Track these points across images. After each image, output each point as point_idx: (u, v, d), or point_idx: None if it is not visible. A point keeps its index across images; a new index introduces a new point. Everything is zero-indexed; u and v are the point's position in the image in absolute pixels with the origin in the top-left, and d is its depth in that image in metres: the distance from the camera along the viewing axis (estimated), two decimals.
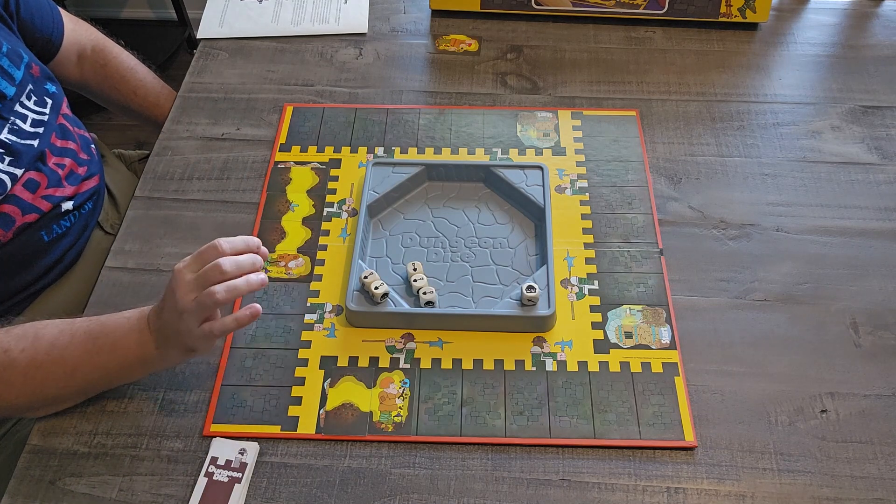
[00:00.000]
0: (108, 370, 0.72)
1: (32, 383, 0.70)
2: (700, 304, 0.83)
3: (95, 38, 1.08)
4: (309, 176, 0.95)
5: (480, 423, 0.74)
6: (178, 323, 0.68)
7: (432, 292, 0.81)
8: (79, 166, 0.93)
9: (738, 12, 1.13)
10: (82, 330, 0.71)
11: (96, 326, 0.71)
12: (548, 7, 1.15)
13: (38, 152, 0.87)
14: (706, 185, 0.95)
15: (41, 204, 0.87)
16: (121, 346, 0.71)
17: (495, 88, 1.07)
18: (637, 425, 0.74)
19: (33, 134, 0.87)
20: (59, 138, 0.91)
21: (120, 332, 0.71)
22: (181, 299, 0.67)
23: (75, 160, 0.93)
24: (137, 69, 1.12)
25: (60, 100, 0.94)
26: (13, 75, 0.86)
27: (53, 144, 0.90)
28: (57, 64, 1.03)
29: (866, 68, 1.10)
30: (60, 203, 0.90)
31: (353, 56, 1.12)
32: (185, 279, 0.68)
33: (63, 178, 0.90)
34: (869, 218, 0.91)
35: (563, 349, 0.79)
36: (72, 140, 0.93)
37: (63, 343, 0.70)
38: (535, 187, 0.91)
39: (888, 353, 0.79)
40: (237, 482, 0.70)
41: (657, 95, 1.05)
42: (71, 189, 0.91)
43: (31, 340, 0.70)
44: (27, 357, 0.70)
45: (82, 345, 0.70)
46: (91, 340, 0.71)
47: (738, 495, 0.70)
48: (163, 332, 0.70)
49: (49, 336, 0.71)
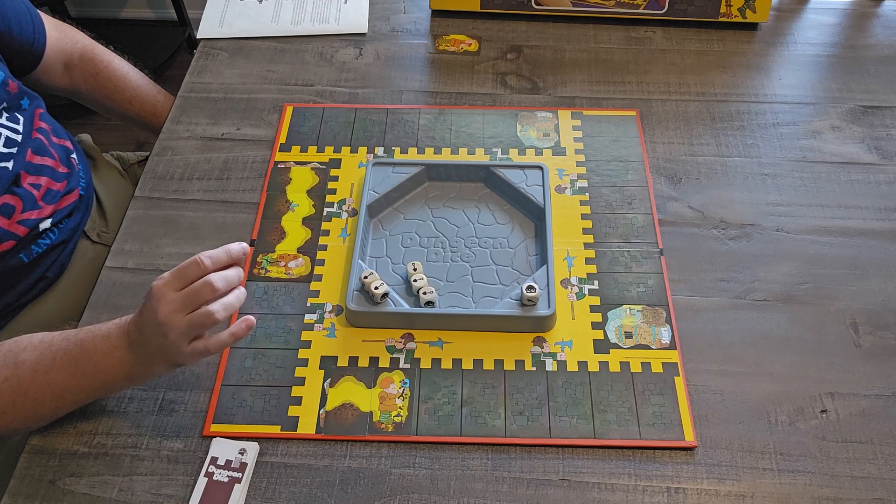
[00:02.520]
0: (94, 389, 0.70)
1: (22, 410, 0.70)
2: (700, 304, 0.83)
3: (83, 45, 1.04)
4: (309, 176, 0.95)
5: (480, 423, 0.74)
6: (163, 341, 0.66)
7: (432, 292, 0.81)
8: (56, 182, 0.90)
9: (738, 12, 1.13)
10: (62, 352, 0.69)
11: (76, 348, 0.69)
12: (548, 7, 1.15)
13: (12, 175, 0.84)
14: (706, 185, 0.95)
15: (17, 229, 0.85)
16: (103, 366, 0.69)
17: (495, 88, 1.07)
18: (637, 425, 0.74)
19: (7, 155, 0.84)
20: (35, 154, 0.88)
21: (100, 352, 0.69)
22: (166, 319, 0.65)
23: (52, 177, 0.90)
24: (131, 76, 1.07)
25: (33, 113, 0.90)
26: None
27: (29, 163, 0.87)
28: (42, 73, 0.99)
29: (866, 68, 1.10)
30: (37, 224, 0.87)
31: (353, 56, 1.12)
32: (167, 297, 0.65)
33: (39, 198, 0.87)
34: (869, 218, 0.91)
35: (563, 349, 0.79)
36: (48, 155, 0.90)
37: (45, 368, 0.69)
38: (535, 187, 0.91)
39: (888, 353, 0.79)
40: (237, 482, 0.70)
41: (657, 95, 1.05)
42: (49, 208, 0.89)
43: (13, 368, 0.69)
44: (11, 386, 0.69)
45: (65, 368, 0.69)
46: (73, 364, 0.69)
47: (738, 495, 0.70)
48: (146, 348, 0.68)
49: (30, 362, 0.69)
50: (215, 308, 0.66)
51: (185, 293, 0.66)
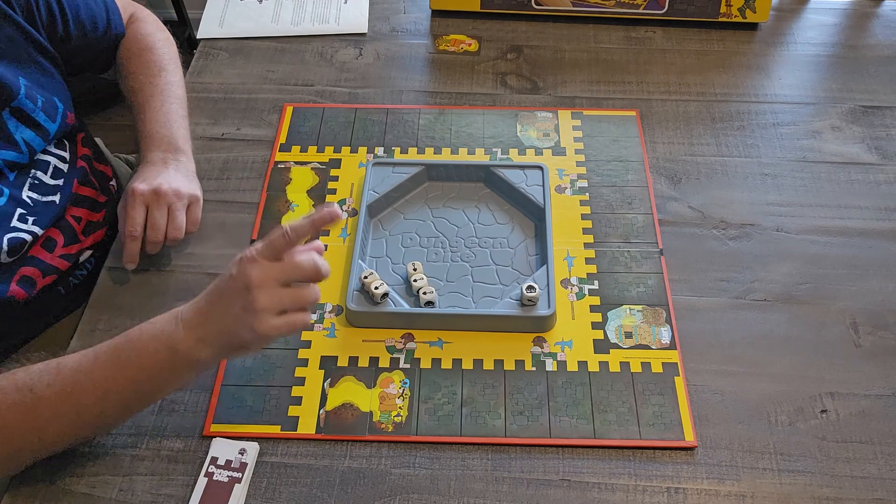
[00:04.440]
0: (139, 383, 0.66)
1: (66, 416, 0.66)
2: (700, 304, 0.83)
3: (134, 39, 0.98)
4: (309, 176, 0.95)
5: (480, 423, 0.74)
6: (246, 309, 0.63)
7: (432, 292, 0.81)
8: (95, 213, 0.91)
9: (738, 12, 1.13)
10: (105, 347, 0.67)
11: (121, 340, 0.66)
12: (548, 7, 1.15)
13: (60, 210, 0.85)
14: (706, 185, 0.95)
15: (59, 263, 0.85)
16: (148, 352, 0.65)
17: (495, 88, 1.07)
18: (637, 425, 0.74)
19: (54, 188, 0.84)
20: (80, 185, 0.88)
21: (145, 337, 0.65)
22: (261, 283, 0.62)
23: (91, 208, 0.90)
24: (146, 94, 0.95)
25: (76, 138, 0.90)
26: (48, 129, 0.83)
27: (76, 194, 0.87)
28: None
29: (866, 68, 1.10)
30: (78, 257, 0.88)
31: (353, 56, 1.12)
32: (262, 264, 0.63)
33: (80, 231, 0.88)
34: (869, 218, 0.91)
35: (563, 349, 0.79)
36: (90, 185, 0.90)
37: (87, 366, 0.66)
38: (535, 187, 0.91)
39: (888, 353, 0.79)
40: (237, 482, 0.70)
41: (657, 95, 1.05)
42: (89, 240, 0.89)
43: (55, 373, 0.66)
44: (54, 391, 0.65)
45: (107, 362, 0.66)
46: (115, 354, 0.66)
47: (738, 495, 0.70)
48: (215, 323, 0.65)
49: (71, 363, 0.66)
50: (315, 291, 0.66)
51: (287, 265, 0.64)
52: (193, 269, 0.86)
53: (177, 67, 0.98)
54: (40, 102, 0.82)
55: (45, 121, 0.83)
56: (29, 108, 0.80)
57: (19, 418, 0.65)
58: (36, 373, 0.66)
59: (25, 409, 0.65)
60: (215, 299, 0.65)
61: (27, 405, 0.65)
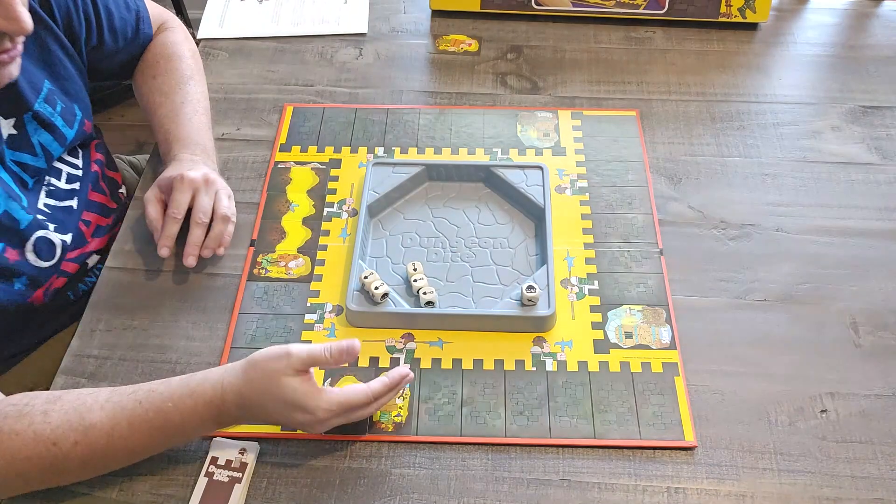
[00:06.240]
0: (174, 445, 0.71)
1: (93, 470, 0.68)
2: (700, 304, 0.83)
3: (161, 50, 0.98)
4: (309, 176, 0.95)
5: (480, 423, 0.74)
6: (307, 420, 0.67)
7: (432, 292, 0.81)
8: (104, 217, 0.91)
9: (738, 12, 1.13)
10: (141, 420, 0.65)
11: (157, 419, 0.66)
12: (548, 7, 1.15)
13: (79, 213, 0.85)
14: (706, 185, 0.95)
15: (68, 266, 0.85)
16: (191, 433, 0.68)
17: (495, 88, 1.07)
18: (637, 425, 0.74)
19: (70, 192, 0.85)
20: (93, 190, 0.89)
21: (191, 424, 0.67)
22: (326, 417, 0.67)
23: (101, 213, 0.90)
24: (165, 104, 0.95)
25: (90, 144, 0.91)
26: (66, 135, 0.84)
27: (90, 201, 0.88)
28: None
29: (866, 68, 1.10)
30: (86, 260, 0.88)
31: (353, 56, 1.12)
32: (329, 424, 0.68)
33: (88, 234, 0.88)
34: (869, 218, 0.91)
35: (563, 349, 0.79)
36: (100, 192, 0.91)
37: (122, 434, 0.65)
38: (535, 187, 0.91)
39: (888, 353, 0.79)
40: (237, 482, 0.70)
41: (657, 95, 1.06)
42: (94, 243, 0.89)
43: (83, 433, 0.64)
44: (83, 450, 0.64)
45: (147, 435, 0.66)
46: (157, 432, 0.66)
47: (738, 495, 0.70)
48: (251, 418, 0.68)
49: (101, 426, 0.65)
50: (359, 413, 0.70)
51: (346, 419, 0.69)
52: (193, 270, 0.86)
53: (202, 80, 0.99)
54: (59, 108, 0.82)
55: (62, 126, 0.83)
56: (48, 112, 0.81)
57: (41, 470, 0.64)
58: (57, 427, 0.64)
59: (49, 463, 0.64)
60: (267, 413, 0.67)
61: (50, 460, 0.64)
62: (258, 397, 0.66)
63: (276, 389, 0.65)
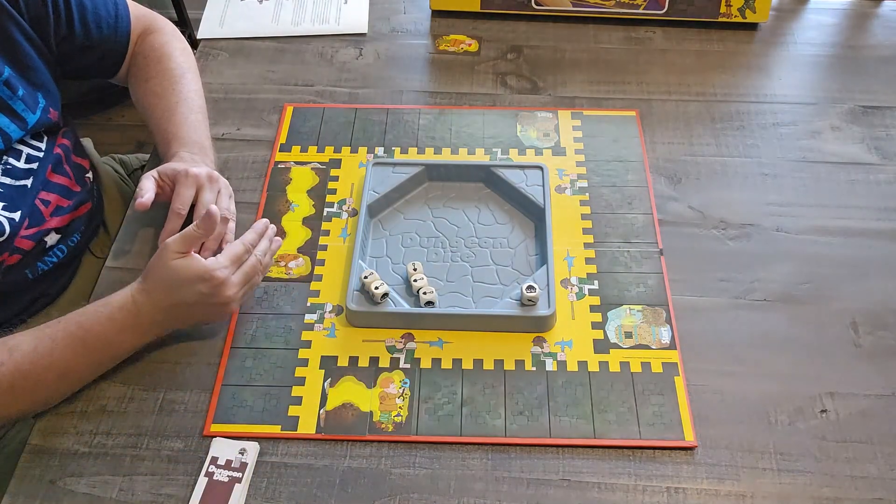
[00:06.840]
0: (102, 363, 0.75)
1: (21, 393, 0.71)
2: (700, 304, 0.83)
3: (150, 49, 0.97)
4: (309, 176, 0.95)
5: (480, 423, 0.74)
6: (219, 310, 0.75)
7: (432, 292, 0.81)
8: (66, 199, 0.90)
9: (738, 12, 1.13)
10: (63, 334, 0.72)
11: (78, 331, 0.72)
12: (548, 7, 1.15)
13: (33, 193, 0.84)
14: (706, 185, 0.95)
15: (22, 243, 0.84)
16: (114, 343, 0.74)
17: (495, 88, 1.07)
18: (637, 425, 0.74)
19: (27, 171, 0.84)
20: (53, 172, 0.88)
21: (111, 332, 0.73)
22: (235, 297, 0.75)
23: (63, 194, 0.89)
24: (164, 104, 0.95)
25: (57, 131, 0.90)
26: (26, 119, 0.83)
27: (48, 181, 0.87)
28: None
29: (866, 68, 1.10)
30: (43, 238, 0.87)
31: (353, 56, 1.12)
32: (231, 281, 0.75)
33: (47, 213, 0.87)
34: (869, 218, 0.91)
35: (563, 349, 0.79)
36: (63, 174, 0.90)
37: (45, 350, 0.71)
38: (535, 187, 0.91)
39: (888, 353, 0.79)
40: (237, 482, 0.70)
41: (657, 95, 1.06)
42: (55, 221, 0.88)
43: (7, 354, 0.70)
44: (8, 370, 0.69)
45: (69, 348, 0.72)
46: (79, 343, 0.72)
47: (738, 495, 0.70)
48: (173, 318, 0.75)
49: (26, 346, 0.71)
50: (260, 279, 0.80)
51: (244, 275, 0.77)
52: None
53: (196, 77, 0.98)
54: (21, 93, 0.82)
55: (23, 110, 0.83)
56: (6, 94, 0.81)
57: None
58: None
59: None
60: (189, 302, 0.74)
61: None
62: (163, 289, 0.73)
63: (172, 273, 0.73)
